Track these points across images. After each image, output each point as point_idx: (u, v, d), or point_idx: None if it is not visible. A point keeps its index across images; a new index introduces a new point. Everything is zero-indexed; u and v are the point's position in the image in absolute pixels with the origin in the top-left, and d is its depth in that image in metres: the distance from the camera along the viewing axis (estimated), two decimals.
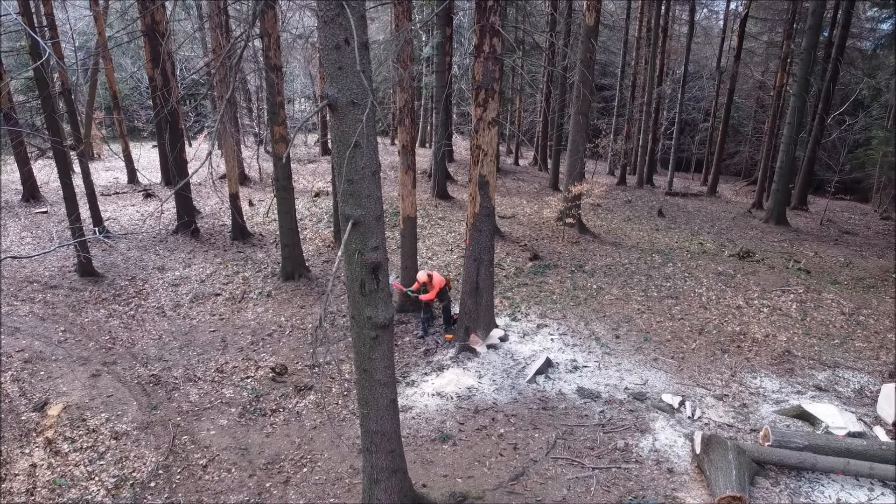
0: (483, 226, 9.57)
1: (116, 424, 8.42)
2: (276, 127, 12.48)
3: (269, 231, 17.58)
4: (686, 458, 7.68)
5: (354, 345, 5.65)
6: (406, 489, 6.39)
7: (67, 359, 10.23)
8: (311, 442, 8.10)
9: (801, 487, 7.17)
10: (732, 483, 6.73)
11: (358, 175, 5.01)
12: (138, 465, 7.60)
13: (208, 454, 7.83)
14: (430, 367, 9.96)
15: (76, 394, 9.15)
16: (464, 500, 6.87)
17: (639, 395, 9.10)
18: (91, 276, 13.74)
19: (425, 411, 8.73)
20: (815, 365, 10.19)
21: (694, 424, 8.38)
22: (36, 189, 21.35)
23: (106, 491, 7.12)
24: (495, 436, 8.16)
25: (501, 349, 10.33)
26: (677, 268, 14.84)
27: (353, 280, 5.35)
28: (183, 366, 10.17)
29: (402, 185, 10.72)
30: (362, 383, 5.75)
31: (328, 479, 7.31)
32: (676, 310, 12.37)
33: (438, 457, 7.72)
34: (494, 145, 9.19)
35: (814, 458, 7.28)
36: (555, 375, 9.67)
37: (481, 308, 10.13)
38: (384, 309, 5.47)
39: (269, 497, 7.03)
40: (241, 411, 8.82)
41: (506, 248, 15.69)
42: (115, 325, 11.69)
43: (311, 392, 9.33)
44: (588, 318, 11.91)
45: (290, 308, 12.42)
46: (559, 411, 8.73)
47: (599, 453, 7.78)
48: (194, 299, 12.89)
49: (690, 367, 10.07)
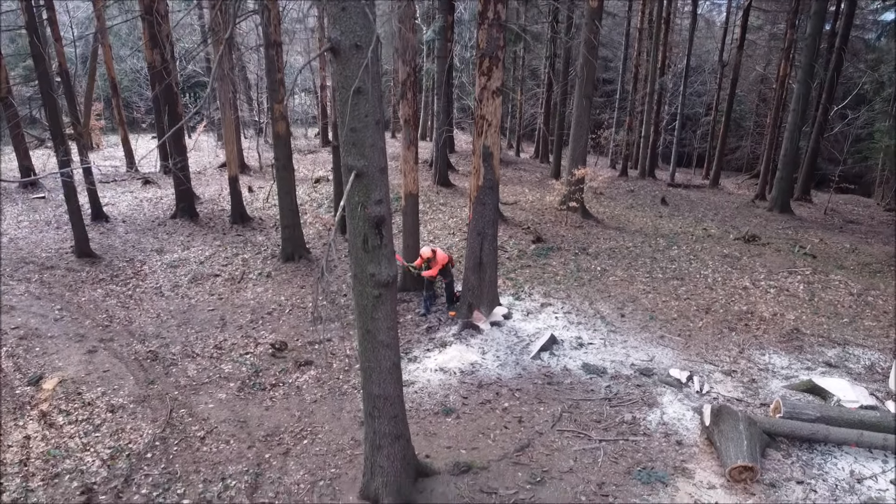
0: (487, 199, 9.39)
1: (112, 398, 8.25)
2: (276, 105, 12.30)
3: (269, 216, 17.40)
4: (695, 430, 7.51)
5: (356, 304, 5.48)
6: (409, 457, 6.22)
7: (63, 336, 10.06)
8: (312, 415, 7.92)
9: (814, 459, 7.00)
10: (744, 453, 6.56)
11: (361, 123, 4.83)
12: (135, 437, 7.42)
13: (206, 426, 7.66)
14: (433, 343, 9.79)
15: (72, 369, 8.98)
16: (468, 469, 6.70)
17: (645, 371, 8.93)
18: (88, 258, 13.56)
19: (428, 386, 8.56)
20: (824, 342, 10.01)
21: (702, 399, 8.20)
22: (34, 174, 21.15)
23: (101, 462, 6.94)
24: (499, 409, 7.99)
25: (505, 326, 10.16)
26: (682, 251, 14.67)
27: (356, 235, 5.17)
28: (181, 342, 9.99)
29: (403, 161, 10.54)
30: (364, 344, 5.57)
31: (329, 451, 7.13)
32: (682, 290, 12.19)
33: (442, 429, 7.55)
34: (499, 116, 9.01)
35: (826, 429, 7.10)
36: (559, 352, 9.49)
37: (485, 284, 9.95)
38: (387, 266, 5.30)
39: (269, 468, 6.86)
40: (239, 386, 8.65)
41: (508, 231, 15.51)
42: (113, 304, 11.51)
43: (312, 367, 9.15)
44: (592, 297, 11.73)
45: (290, 288, 12.24)
46: (564, 386, 8.56)
47: (606, 426, 7.61)
48: (193, 280, 12.71)
49: (697, 344, 9.89)
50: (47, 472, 6.76)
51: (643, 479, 6.65)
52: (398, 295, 11.17)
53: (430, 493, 6.29)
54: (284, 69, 12.68)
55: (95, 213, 16.57)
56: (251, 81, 37.07)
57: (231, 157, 15.74)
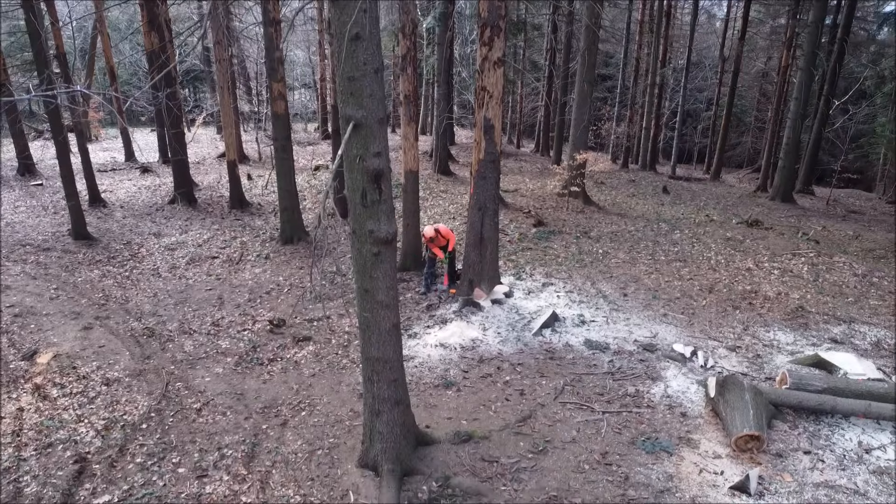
0: (488, 173, 9.25)
1: (108, 372, 8.12)
2: (275, 84, 12.15)
3: (268, 202, 17.27)
4: (700, 403, 7.39)
5: (355, 263, 5.35)
6: (409, 423, 6.10)
7: (59, 313, 9.93)
8: (310, 388, 7.80)
9: (821, 430, 6.87)
10: (750, 422, 6.43)
11: (359, 72, 4.70)
12: (130, 409, 7.29)
13: (203, 399, 7.53)
14: (433, 320, 9.66)
15: (67, 344, 8.85)
16: (469, 438, 6.57)
17: (649, 347, 8.80)
18: (85, 240, 13.43)
19: (428, 361, 8.43)
20: (829, 320, 9.88)
21: (707, 373, 8.08)
22: (32, 164, 21.05)
23: (95, 432, 6.81)
24: (501, 382, 7.86)
25: (506, 304, 10.02)
26: (684, 234, 14.54)
27: (354, 190, 5.05)
28: (178, 320, 9.87)
29: (403, 138, 10.41)
30: (363, 305, 5.44)
31: (327, 422, 7.01)
32: (685, 271, 12.06)
33: (442, 401, 7.42)
34: (500, 87, 8.86)
35: (834, 400, 6.97)
36: (561, 329, 9.36)
37: (486, 261, 9.82)
38: (386, 223, 5.16)
39: (266, 438, 6.73)
40: (237, 360, 8.53)
41: (509, 215, 15.38)
42: (109, 284, 11.38)
43: (310, 343, 9.03)
44: (594, 278, 11.60)
45: (289, 269, 12.11)
46: (567, 361, 8.43)
47: (609, 399, 7.49)
48: (190, 261, 12.58)
49: (701, 321, 9.76)
50: (40, 443, 6.63)
51: (647, 448, 6.52)
52: (397, 274, 11.03)
53: (430, 461, 6.16)
54: (284, 60, 12.60)
55: (93, 197, 16.44)
56: (250, 74, 37.00)
57: (229, 141, 15.60)
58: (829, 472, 6.19)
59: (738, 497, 5.78)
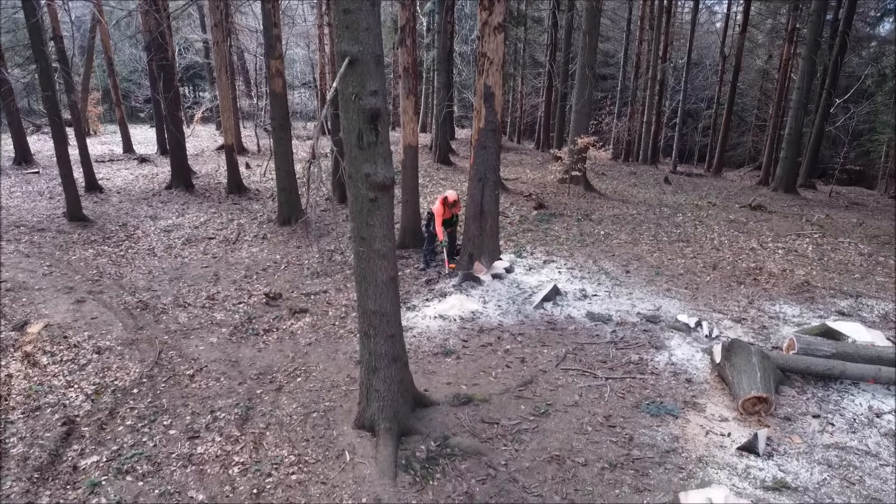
0: (488, 142, 9.08)
1: (100, 341, 7.95)
2: (273, 61, 12.00)
3: (266, 188, 17.12)
4: (705, 370, 7.21)
5: (351, 209, 5.17)
6: (406, 382, 5.92)
7: (51, 288, 9.76)
8: (306, 356, 7.62)
9: (830, 396, 6.70)
10: (757, 384, 6.26)
11: (355, 4, 4.54)
12: (121, 375, 7.12)
13: (196, 365, 7.36)
14: (433, 294, 9.49)
15: (58, 316, 8.68)
16: (469, 401, 6.40)
17: (652, 318, 8.63)
18: (80, 221, 13.27)
19: (427, 331, 8.26)
20: (836, 294, 9.71)
21: (712, 342, 7.89)
22: (28, 153, 20.96)
23: (85, 396, 6.64)
24: (501, 351, 7.69)
25: (507, 279, 9.85)
26: (687, 217, 14.38)
27: (350, 131, 4.88)
28: (172, 294, 9.70)
29: (403, 112, 10.26)
30: (360, 255, 5.27)
31: (323, 387, 6.83)
32: (688, 251, 11.89)
33: (441, 368, 7.25)
34: (501, 54, 8.70)
35: (843, 364, 6.79)
36: (563, 302, 9.19)
37: (486, 234, 9.64)
38: (384, 166, 4.99)
39: (260, 402, 6.56)
40: (231, 331, 8.35)
41: (510, 198, 15.22)
42: (104, 262, 11.22)
43: (307, 315, 8.85)
44: (596, 256, 11.43)
45: (287, 248, 11.95)
46: (568, 332, 8.26)
47: (612, 366, 7.31)
48: (187, 242, 12.41)
49: (705, 295, 9.59)
50: (28, 406, 6.45)
51: (652, 411, 6.35)
52: (396, 251, 10.86)
53: (428, 422, 5.99)
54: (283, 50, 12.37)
55: (89, 183, 16.27)
56: (249, 72, 36.84)
57: (227, 125, 15.44)
58: (839, 435, 6.01)
59: (747, 457, 5.60)
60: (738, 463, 5.51)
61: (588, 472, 5.38)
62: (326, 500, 5.01)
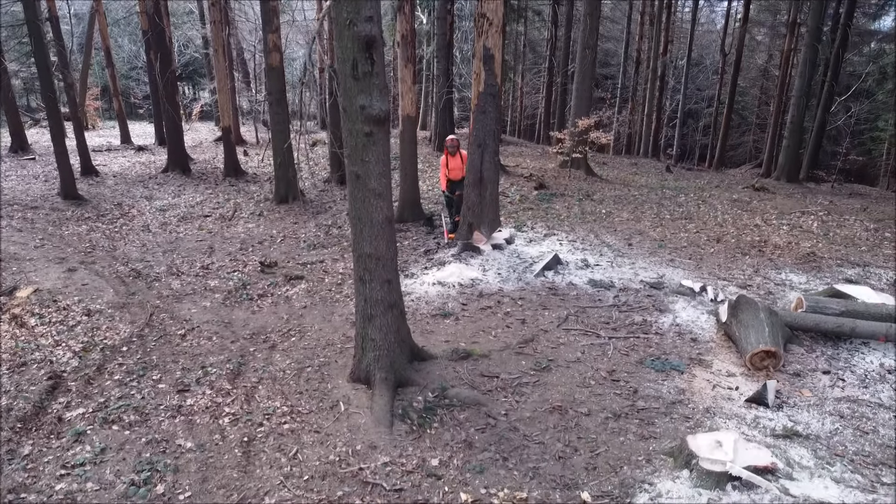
0: (488, 107, 8.90)
1: (90, 305, 7.77)
2: (270, 35, 11.83)
3: (264, 173, 16.94)
4: (710, 330, 7.02)
5: (346, 145, 4.99)
6: (404, 333, 5.73)
7: (43, 258, 9.59)
8: (301, 318, 7.44)
9: (840, 354, 6.51)
10: (766, 338, 6.06)
11: None
12: (111, 335, 6.93)
13: (188, 326, 7.18)
14: (431, 262, 9.31)
15: (49, 283, 8.49)
16: (468, 356, 6.21)
17: (656, 285, 8.44)
18: (74, 200, 13.10)
19: (425, 296, 8.07)
20: (843, 263, 9.52)
21: (717, 305, 7.70)
22: (25, 142, 20.80)
23: (73, 353, 6.46)
24: (501, 313, 7.50)
25: (507, 250, 9.66)
26: (689, 198, 14.20)
27: (344, 61, 4.69)
28: (166, 265, 9.52)
29: (401, 82, 10.08)
30: (354, 194, 5.08)
31: (318, 345, 6.64)
32: (691, 226, 11.71)
33: (439, 328, 7.06)
34: (500, 14, 8.52)
35: (853, 322, 6.60)
36: (564, 271, 8.99)
37: (485, 202, 9.45)
38: (379, 98, 4.80)
39: (253, 359, 6.37)
40: (225, 296, 8.17)
41: (509, 180, 15.05)
42: (97, 237, 11.04)
43: (303, 281, 8.67)
44: (598, 231, 11.25)
45: (283, 224, 11.77)
46: (570, 297, 8.07)
47: (615, 326, 7.12)
48: (182, 219, 12.24)
49: (710, 265, 9.40)
50: (14, 363, 6.26)
51: (657, 367, 6.15)
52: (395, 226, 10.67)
53: (426, 374, 5.80)
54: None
55: (85, 168, 16.09)
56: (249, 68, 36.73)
57: (224, 107, 15.27)
58: (850, 389, 5.82)
59: (755, 409, 5.41)
60: (747, 414, 5.32)
61: (591, 422, 5.19)
62: (320, 447, 4.82)
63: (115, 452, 4.85)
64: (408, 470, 4.57)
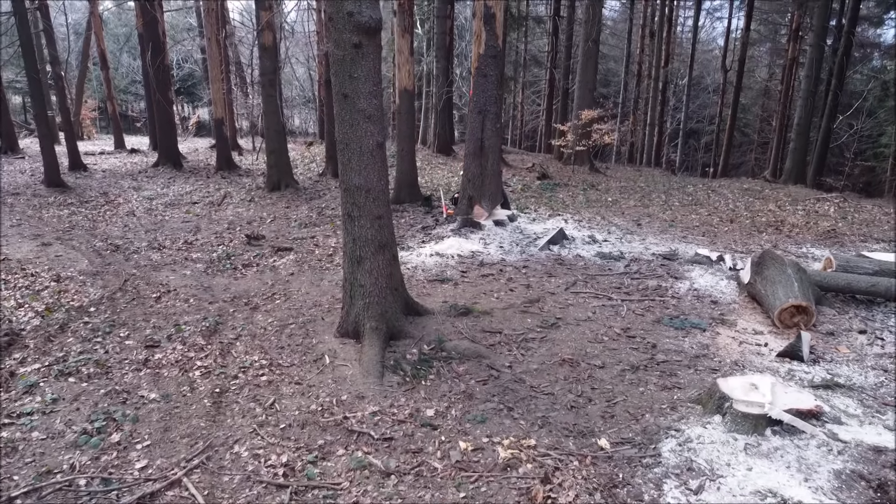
0: (489, 70, 8.42)
1: (61, 272, 7.20)
2: (264, 12, 11.42)
3: (258, 169, 16.44)
4: (732, 294, 6.47)
5: (333, 60, 4.48)
6: (397, 279, 5.16)
7: (17, 235, 9.03)
8: (287, 284, 6.87)
9: (874, 315, 5.95)
10: (796, 292, 5.51)
11: None
12: (79, 298, 6.37)
13: (164, 289, 6.60)
14: (430, 237, 8.76)
15: (20, 255, 7.93)
16: (468, 313, 5.63)
17: (669, 256, 7.90)
18: (58, 187, 12.58)
19: (422, 265, 7.53)
20: (866, 240, 8.98)
21: (737, 272, 7.14)
22: (15, 144, 20.32)
23: (35, 313, 5.87)
24: (504, 279, 6.95)
25: (509, 226, 9.12)
26: (698, 188, 13.69)
27: None
28: (148, 241, 8.97)
29: (398, 52, 9.62)
30: (342, 116, 4.56)
31: (304, 306, 6.07)
32: (703, 210, 11.20)
33: (438, 291, 6.50)
34: None
35: (889, 281, 6.03)
36: (570, 245, 8.46)
37: (487, 174, 8.92)
38: (369, 5, 4.31)
39: (232, 319, 5.79)
40: (207, 266, 7.63)
41: (511, 171, 14.56)
42: (79, 219, 10.50)
43: (291, 253, 8.12)
44: (605, 214, 10.73)
45: (275, 208, 11.23)
46: (578, 266, 7.52)
47: (628, 291, 6.56)
48: (169, 205, 11.70)
49: (725, 241, 8.87)
50: None
51: (676, 325, 5.59)
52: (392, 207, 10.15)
53: (422, 328, 5.23)
54: None
55: (73, 163, 15.57)
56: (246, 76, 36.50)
57: (217, 96, 14.83)
58: (890, 347, 5.24)
59: (789, 363, 4.84)
60: (780, 367, 4.76)
61: (607, 374, 4.62)
62: (300, 398, 4.26)
63: (69, 403, 4.29)
64: (399, 420, 3.99)
